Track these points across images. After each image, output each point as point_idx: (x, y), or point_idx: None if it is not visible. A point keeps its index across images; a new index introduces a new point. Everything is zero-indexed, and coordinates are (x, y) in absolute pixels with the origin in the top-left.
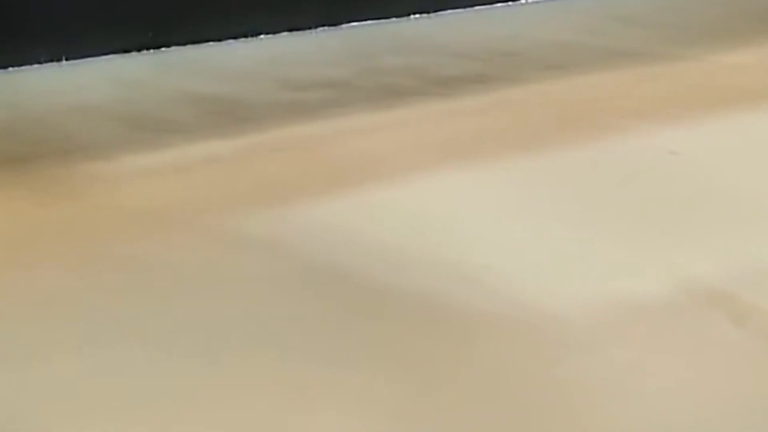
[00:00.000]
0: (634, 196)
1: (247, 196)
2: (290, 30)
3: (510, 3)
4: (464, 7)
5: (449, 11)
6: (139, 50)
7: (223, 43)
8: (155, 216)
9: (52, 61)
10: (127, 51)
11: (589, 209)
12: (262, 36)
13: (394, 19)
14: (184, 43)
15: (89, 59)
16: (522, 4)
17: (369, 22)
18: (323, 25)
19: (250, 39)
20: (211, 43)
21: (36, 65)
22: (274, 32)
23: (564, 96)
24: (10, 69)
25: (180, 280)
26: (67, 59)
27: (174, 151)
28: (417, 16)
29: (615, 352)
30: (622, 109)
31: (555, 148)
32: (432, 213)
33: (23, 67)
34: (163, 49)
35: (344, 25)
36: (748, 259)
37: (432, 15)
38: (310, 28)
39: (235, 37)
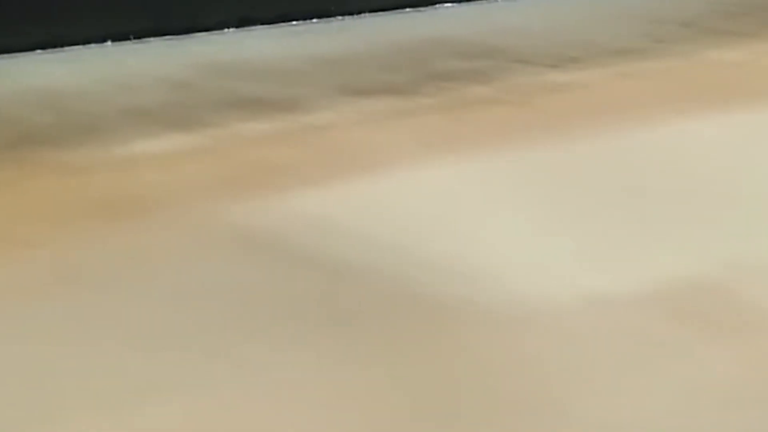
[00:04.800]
0: (624, 191)
1: (242, 186)
2: (318, 17)
3: None
4: None
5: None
6: (160, 34)
7: (251, 29)
8: (147, 205)
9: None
10: (152, 35)
11: (579, 205)
12: (293, 22)
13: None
14: (208, 29)
15: (130, 43)
16: None
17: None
18: (350, 14)
19: (281, 25)
20: (235, 29)
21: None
22: (303, 18)
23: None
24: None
25: (166, 270)
26: (108, 41)
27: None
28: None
29: (597, 345)
30: (617, 106)
31: (553, 144)
32: (426, 205)
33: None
34: (189, 35)
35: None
36: (734, 254)
37: (472, 4)
38: (339, 15)
39: (262, 23)
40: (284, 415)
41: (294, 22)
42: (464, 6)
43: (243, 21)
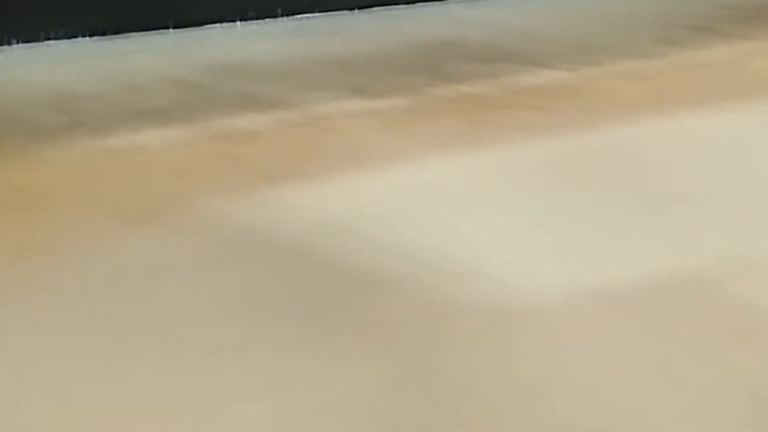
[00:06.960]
0: (616, 187)
1: (251, 186)
2: (322, 11)
3: None
4: None
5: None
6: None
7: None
8: (156, 207)
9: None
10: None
11: (586, 206)
12: (300, 15)
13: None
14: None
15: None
16: None
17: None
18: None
19: (287, 21)
20: (238, 23)
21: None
22: (308, 12)
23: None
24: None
25: (177, 273)
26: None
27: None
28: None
29: (591, 341)
30: (628, 108)
31: (562, 146)
32: (434, 207)
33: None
34: (189, 29)
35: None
36: (727, 251)
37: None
38: (346, 9)
39: (266, 17)
40: (289, 419)
41: (298, 17)
42: (475, 7)
43: (244, 14)
